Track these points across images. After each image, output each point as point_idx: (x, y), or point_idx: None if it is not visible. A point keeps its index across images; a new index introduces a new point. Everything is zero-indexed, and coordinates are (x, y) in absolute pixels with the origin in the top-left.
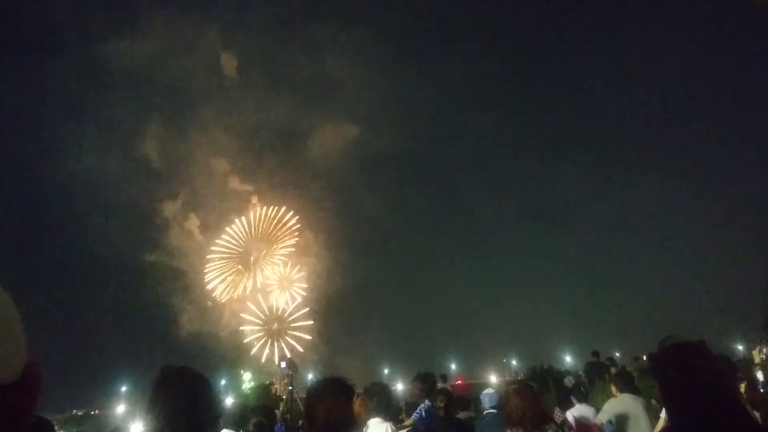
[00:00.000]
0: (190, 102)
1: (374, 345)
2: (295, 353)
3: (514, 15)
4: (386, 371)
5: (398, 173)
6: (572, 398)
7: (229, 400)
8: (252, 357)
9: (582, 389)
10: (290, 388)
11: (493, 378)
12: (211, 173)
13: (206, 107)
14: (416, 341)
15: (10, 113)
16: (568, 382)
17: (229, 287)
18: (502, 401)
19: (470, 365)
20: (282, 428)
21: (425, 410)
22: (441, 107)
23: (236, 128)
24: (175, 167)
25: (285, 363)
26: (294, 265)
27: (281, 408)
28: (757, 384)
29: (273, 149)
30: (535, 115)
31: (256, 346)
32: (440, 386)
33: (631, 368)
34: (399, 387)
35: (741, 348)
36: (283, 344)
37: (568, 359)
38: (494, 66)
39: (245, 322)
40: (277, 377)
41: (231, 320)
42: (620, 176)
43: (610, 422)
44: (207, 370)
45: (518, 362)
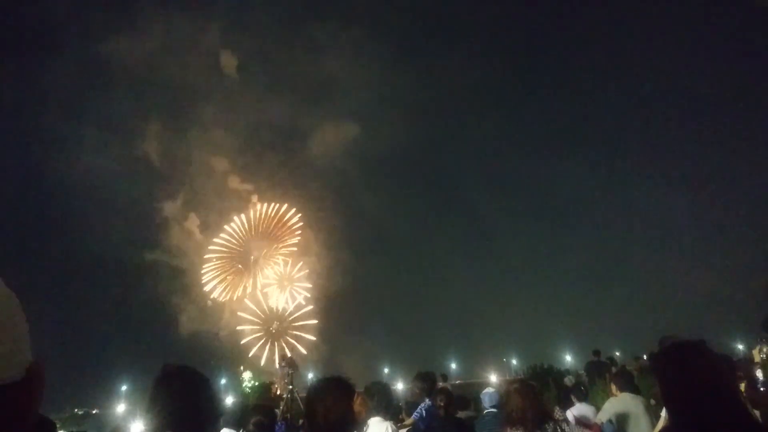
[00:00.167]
0: (190, 101)
1: (374, 344)
2: (296, 353)
3: (515, 13)
4: (386, 370)
5: (399, 172)
6: (572, 397)
7: (230, 400)
8: (252, 357)
9: (582, 388)
10: (290, 388)
11: (493, 377)
12: (211, 172)
13: (206, 106)
14: (416, 340)
15: (10, 112)
16: (569, 382)
17: (228, 287)
18: (503, 400)
19: (470, 364)
20: (282, 427)
21: (425, 409)
22: (442, 106)
23: (236, 127)
24: (175, 166)
25: (285, 362)
26: (295, 264)
27: (282, 407)
28: (757, 383)
29: (273, 148)
30: (537, 114)
31: (256, 347)
32: (440, 385)
33: (631, 367)
34: (399, 386)
35: (741, 347)
36: (284, 344)
37: (568, 358)
38: (495, 64)
39: (244, 322)
40: (278, 376)
41: (231, 320)
42: (621, 176)
43: (610, 421)
44: (207, 370)
45: (518, 361)
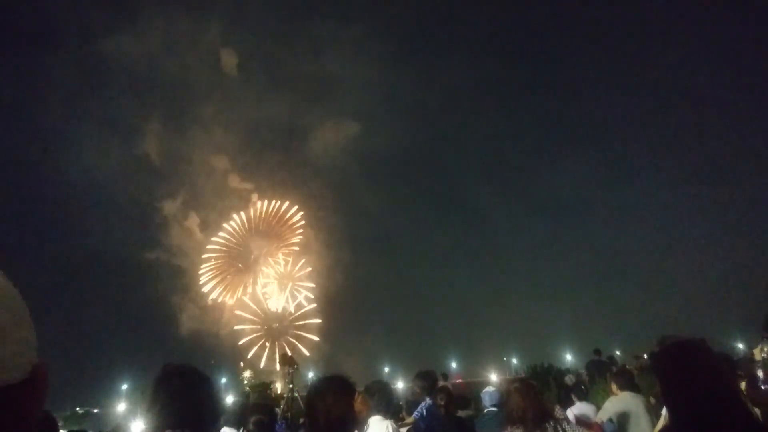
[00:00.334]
0: (191, 99)
1: (375, 343)
2: (297, 354)
3: (516, 12)
4: (387, 369)
5: (399, 171)
6: (573, 396)
7: (230, 399)
8: (252, 356)
9: (582, 387)
10: (291, 386)
11: (494, 376)
12: (211, 171)
13: (206, 105)
14: (417, 339)
15: (9, 110)
16: (569, 381)
17: (228, 287)
18: (503, 399)
19: (471, 364)
20: (283, 426)
21: (426, 408)
22: (442, 104)
23: (236, 126)
24: (175, 165)
25: (285, 361)
26: (296, 263)
27: (282, 406)
28: (758, 381)
29: (273, 147)
30: (538, 113)
31: (256, 346)
32: (441, 384)
33: (631, 366)
34: (399, 385)
35: (741, 346)
36: (284, 343)
37: (569, 357)
38: (496, 63)
39: (244, 321)
40: (278, 375)
41: (231, 319)
42: (622, 176)
43: (611, 420)
44: (207, 369)
45: (519, 360)
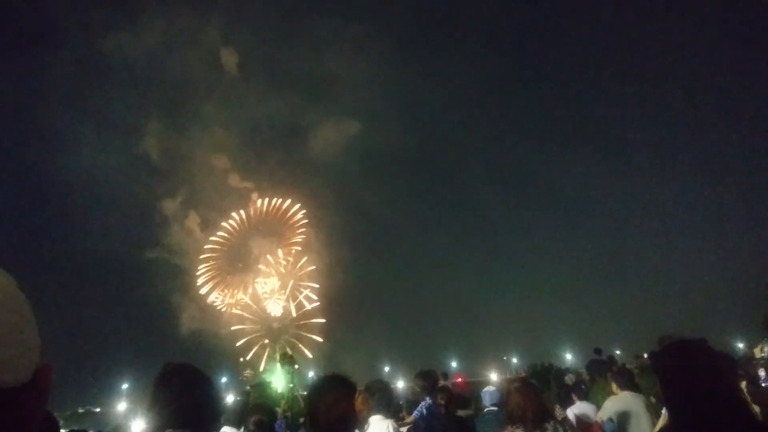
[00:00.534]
0: (191, 98)
1: (375, 342)
2: (297, 352)
3: (518, 8)
4: (387, 369)
5: (400, 170)
6: (573, 396)
7: (230, 398)
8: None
9: (582, 387)
10: (291, 386)
11: (494, 376)
12: (211, 170)
13: (207, 103)
14: (417, 339)
15: (9, 108)
16: (569, 380)
17: (228, 286)
18: (503, 399)
19: (471, 363)
20: (283, 426)
21: (426, 408)
22: (444, 102)
23: (236, 125)
24: (175, 164)
25: (286, 360)
26: (297, 262)
27: (282, 406)
28: (759, 380)
29: (274, 146)
30: (540, 109)
31: (256, 346)
32: (441, 384)
33: (632, 366)
34: (400, 385)
35: (741, 346)
36: (284, 343)
37: (569, 357)
38: (498, 59)
39: (245, 321)
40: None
41: (231, 318)
42: (623, 175)
43: (611, 420)
44: (208, 368)
45: (519, 360)
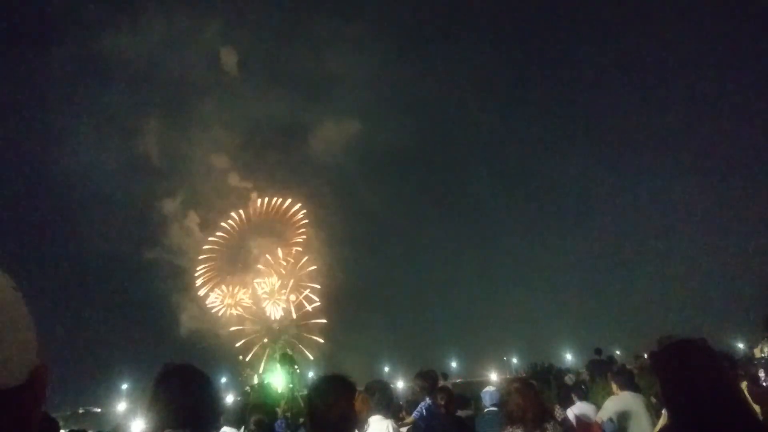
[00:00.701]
0: (190, 97)
1: (375, 342)
2: (297, 352)
3: (519, 7)
4: (387, 369)
5: (400, 168)
6: (573, 396)
7: (230, 398)
8: (252, 357)
9: (582, 387)
10: (291, 386)
11: (494, 376)
12: (211, 170)
13: (206, 103)
14: (417, 339)
15: (8, 108)
16: (569, 380)
17: (227, 287)
18: (503, 399)
19: (471, 363)
20: (282, 426)
21: (426, 408)
22: (444, 102)
23: (236, 124)
24: (175, 164)
25: (286, 361)
26: (297, 262)
27: (282, 406)
28: (759, 380)
29: (273, 145)
30: (541, 108)
31: (256, 347)
32: (441, 384)
33: (632, 366)
34: (400, 385)
35: (741, 346)
36: (284, 343)
37: (569, 357)
38: (499, 58)
39: (244, 321)
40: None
41: (231, 318)
42: (623, 175)
43: (611, 420)
44: (208, 368)
45: (519, 360)
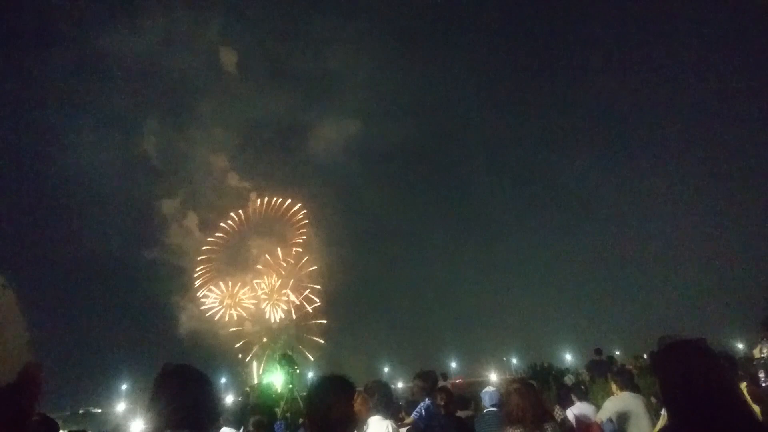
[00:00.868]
0: (190, 97)
1: (375, 343)
2: (297, 353)
3: (521, 5)
4: (386, 369)
5: (400, 169)
6: (572, 396)
7: (230, 398)
8: (252, 357)
9: (582, 387)
10: (291, 387)
11: (494, 376)
12: (210, 170)
13: (206, 102)
14: (417, 339)
15: (7, 107)
16: (569, 380)
17: (227, 288)
18: (503, 399)
19: (470, 364)
20: (282, 426)
21: (425, 408)
22: (445, 101)
23: (236, 124)
24: (174, 163)
25: (285, 361)
26: (297, 262)
27: (282, 406)
28: (759, 380)
29: (273, 145)
30: (542, 108)
31: (255, 347)
32: (440, 384)
33: (631, 366)
34: (399, 385)
35: (741, 346)
36: (284, 344)
37: (569, 357)
38: (500, 58)
39: (244, 321)
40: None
41: (231, 319)
42: (623, 175)
43: (611, 420)
44: (207, 369)
45: (518, 360)
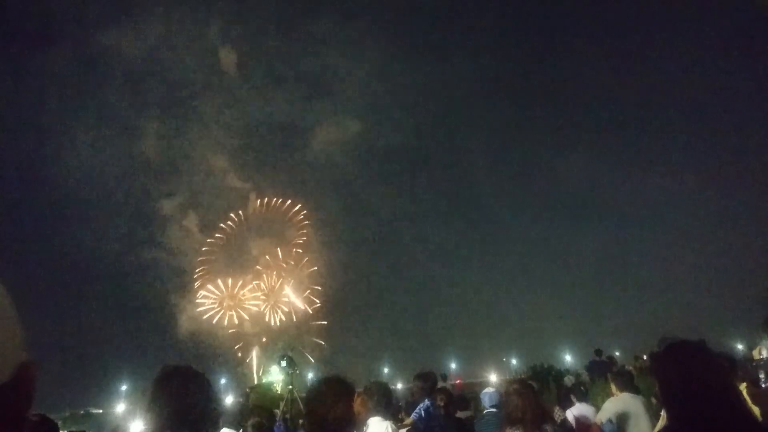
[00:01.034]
0: (189, 97)
1: (374, 344)
2: (297, 354)
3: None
4: (386, 370)
5: (401, 169)
6: (572, 397)
7: (229, 399)
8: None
9: (582, 388)
10: (290, 388)
11: (493, 377)
12: (210, 170)
13: (205, 102)
14: (417, 340)
15: (4, 107)
16: (568, 381)
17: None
18: (503, 400)
19: (470, 364)
20: (282, 428)
21: (424, 409)
22: (446, 100)
23: (236, 124)
24: (173, 164)
25: (285, 362)
26: (297, 263)
27: (281, 407)
28: (759, 381)
29: (273, 145)
30: (543, 107)
31: (255, 347)
32: (440, 385)
33: (631, 367)
34: (399, 386)
35: (741, 347)
36: (283, 344)
37: (568, 358)
38: (501, 57)
39: (244, 322)
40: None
41: (231, 319)
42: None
43: (610, 421)
44: (207, 370)
45: (518, 361)
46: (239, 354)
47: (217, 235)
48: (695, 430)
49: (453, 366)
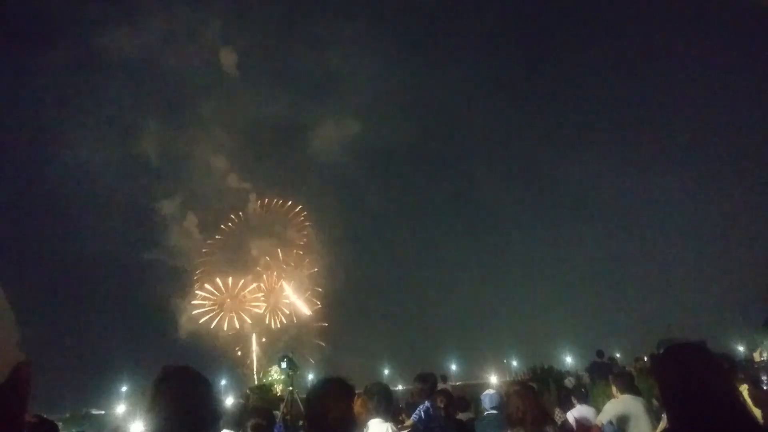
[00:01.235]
0: (189, 97)
1: (375, 345)
2: (297, 355)
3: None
4: (386, 372)
5: (401, 170)
6: (573, 399)
7: (229, 400)
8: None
9: (582, 390)
10: (290, 389)
11: (494, 379)
12: (210, 170)
13: (205, 103)
14: (417, 341)
15: (3, 107)
16: (569, 383)
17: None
18: (503, 402)
19: (470, 366)
20: (282, 429)
21: (424, 411)
22: (446, 100)
23: (236, 124)
24: (173, 164)
25: (285, 363)
26: (297, 264)
27: (282, 408)
28: (761, 383)
29: (273, 146)
30: (544, 107)
31: (255, 347)
32: (440, 387)
33: (631, 368)
34: (399, 387)
35: (741, 349)
36: (283, 345)
37: (569, 360)
38: (502, 56)
39: (244, 323)
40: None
41: (231, 320)
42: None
43: (611, 423)
44: (207, 371)
45: (519, 362)
46: (240, 356)
47: (217, 236)
48: (695, 431)
49: (453, 367)
